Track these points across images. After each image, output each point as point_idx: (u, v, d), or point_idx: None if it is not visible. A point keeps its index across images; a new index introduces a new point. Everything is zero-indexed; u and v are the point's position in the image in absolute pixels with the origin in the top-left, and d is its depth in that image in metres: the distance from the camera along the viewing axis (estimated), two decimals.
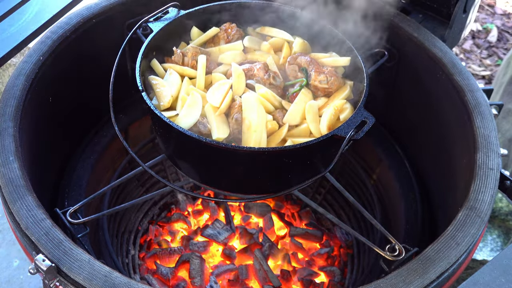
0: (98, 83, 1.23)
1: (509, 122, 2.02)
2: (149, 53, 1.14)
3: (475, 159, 1.10)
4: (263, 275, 1.45)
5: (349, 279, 1.50)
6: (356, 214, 1.57)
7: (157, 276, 1.44)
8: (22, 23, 1.37)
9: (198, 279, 1.42)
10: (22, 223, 0.98)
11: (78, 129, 1.45)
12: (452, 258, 0.95)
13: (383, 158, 1.50)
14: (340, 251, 1.57)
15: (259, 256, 1.48)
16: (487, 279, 0.78)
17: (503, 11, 3.10)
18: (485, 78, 2.72)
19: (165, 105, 1.06)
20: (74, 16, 1.33)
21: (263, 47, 1.21)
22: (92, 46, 1.35)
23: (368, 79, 1.09)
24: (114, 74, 1.10)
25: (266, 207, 1.64)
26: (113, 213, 1.46)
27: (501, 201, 1.80)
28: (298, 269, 1.51)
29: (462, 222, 1.00)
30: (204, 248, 1.52)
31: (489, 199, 1.04)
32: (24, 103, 1.16)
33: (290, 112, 1.06)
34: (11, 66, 2.01)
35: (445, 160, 1.33)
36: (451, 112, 1.28)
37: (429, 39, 1.32)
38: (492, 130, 1.15)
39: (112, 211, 1.22)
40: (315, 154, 1.04)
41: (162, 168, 1.63)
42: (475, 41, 2.93)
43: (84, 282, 0.90)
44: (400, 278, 0.92)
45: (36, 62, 1.22)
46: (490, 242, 1.78)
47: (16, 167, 1.04)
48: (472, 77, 1.25)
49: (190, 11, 1.22)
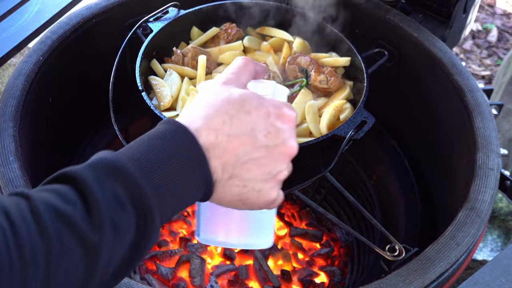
0: (98, 83, 1.23)
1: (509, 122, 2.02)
2: (149, 53, 1.14)
3: (475, 159, 1.10)
4: (263, 275, 1.45)
5: (349, 279, 1.50)
6: (356, 214, 1.57)
7: (157, 276, 1.44)
8: (22, 23, 1.37)
9: (198, 279, 1.42)
10: None
11: (78, 129, 1.45)
12: (452, 258, 0.95)
13: (383, 158, 1.50)
14: (340, 251, 1.57)
15: (259, 256, 1.48)
16: (487, 279, 0.78)
17: (503, 11, 3.10)
18: (485, 78, 2.72)
19: (165, 105, 1.06)
20: (74, 16, 1.33)
21: (263, 47, 1.21)
22: (92, 46, 1.35)
23: (368, 79, 1.09)
24: (114, 74, 1.10)
25: None
26: None
27: (501, 201, 1.80)
28: (298, 269, 1.51)
29: (462, 222, 1.00)
30: (203, 249, 1.52)
31: (489, 199, 1.04)
32: (24, 103, 1.16)
33: None
34: (11, 66, 2.01)
35: (445, 160, 1.33)
36: (451, 112, 1.28)
37: (429, 39, 1.32)
38: (492, 130, 1.15)
39: None
40: (315, 154, 1.04)
41: None
42: (475, 41, 2.93)
43: None
44: (400, 278, 0.92)
45: (36, 62, 1.22)
46: (490, 242, 1.78)
47: (16, 167, 1.04)
48: (472, 77, 1.25)
49: (190, 11, 1.22)
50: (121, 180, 0.55)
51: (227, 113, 0.62)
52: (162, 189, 0.57)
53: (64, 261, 0.51)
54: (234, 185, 0.62)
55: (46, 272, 0.49)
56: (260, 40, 1.23)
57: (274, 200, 0.67)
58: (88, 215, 0.52)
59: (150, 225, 0.56)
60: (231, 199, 0.64)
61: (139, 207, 0.55)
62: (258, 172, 0.63)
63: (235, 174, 0.62)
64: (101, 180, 0.54)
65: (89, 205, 0.52)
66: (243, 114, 0.62)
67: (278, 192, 0.67)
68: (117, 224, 0.53)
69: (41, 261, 0.49)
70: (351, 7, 1.38)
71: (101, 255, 0.53)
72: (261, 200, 0.65)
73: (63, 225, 0.51)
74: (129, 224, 0.55)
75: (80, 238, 0.51)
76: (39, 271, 0.49)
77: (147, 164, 0.57)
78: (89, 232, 0.52)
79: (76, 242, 0.51)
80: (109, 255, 0.54)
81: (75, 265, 0.52)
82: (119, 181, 0.55)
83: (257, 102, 0.64)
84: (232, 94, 0.64)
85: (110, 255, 0.54)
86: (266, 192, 0.65)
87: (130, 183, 0.55)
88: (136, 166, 0.56)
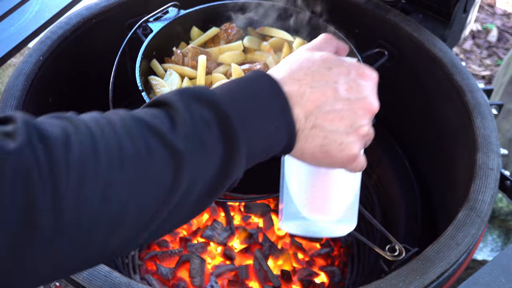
0: (98, 83, 1.23)
1: (509, 122, 2.02)
2: (149, 53, 1.14)
3: (475, 159, 1.10)
4: (263, 275, 1.46)
5: (349, 279, 1.50)
6: None
7: (157, 276, 1.44)
8: (22, 23, 1.37)
9: (198, 279, 1.42)
10: None
11: None
12: (452, 258, 0.95)
13: (383, 158, 1.50)
14: (340, 251, 1.57)
15: (259, 256, 1.48)
16: (487, 279, 0.78)
17: (503, 11, 3.10)
18: (485, 78, 2.72)
19: None
20: (74, 16, 1.33)
21: (263, 47, 1.21)
22: (92, 46, 1.35)
23: None
24: (114, 74, 1.10)
25: (266, 207, 1.64)
26: None
27: (501, 201, 1.80)
28: (298, 269, 1.51)
29: (462, 222, 1.00)
30: (203, 249, 1.52)
31: (489, 199, 1.04)
32: (24, 103, 1.16)
33: None
34: (11, 66, 2.01)
35: (445, 160, 1.33)
36: (451, 112, 1.28)
37: (429, 39, 1.32)
38: (492, 130, 1.15)
39: None
40: None
41: None
42: (475, 41, 2.93)
43: (84, 282, 0.90)
44: (400, 278, 0.92)
45: (36, 62, 1.22)
46: (490, 242, 1.78)
47: None
48: (472, 77, 1.25)
49: (190, 11, 1.22)
50: (209, 106, 0.55)
51: (309, 68, 0.64)
52: (248, 123, 0.57)
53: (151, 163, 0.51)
54: (316, 135, 0.62)
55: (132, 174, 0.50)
56: (260, 40, 1.23)
57: (356, 156, 0.68)
58: (174, 128, 0.53)
59: (236, 153, 0.56)
60: (313, 150, 0.64)
61: (226, 132, 0.55)
62: (339, 124, 0.63)
63: (317, 124, 0.62)
64: (188, 103, 0.55)
65: (176, 120, 0.54)
66: (325, 70, 0.64)
67: (360, 149, 0.68)
68: (204, 141, 0.54)
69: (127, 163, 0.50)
70: (351, 7, 1.38)
71: (187, 164, 0.53)
72: (343, 154, 0.65)
73: (149, 133, 0.52)
74: (215, 144, 0.55)
75: (165, 143, 0.52)
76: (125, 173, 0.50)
77: (232, 96, 0.58)
78: (175, 140, 0.53)
79: (162, 147, 0.52)
80: (195, 168, 0.54)
81: (161, 169, 0.52)
82: (207, 106, 0.55)
83: (338, 61, 0.66)
84: (314, 55, 0.66)
85: (196, 169, 0.54)
86: (348, 146, 0.65)
87: (217, 108, 0.56)
88: (223, 95, 0.58)
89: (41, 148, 0.46)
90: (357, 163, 0.70)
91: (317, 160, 0.66)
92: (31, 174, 0.45)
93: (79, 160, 0.47)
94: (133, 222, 0.51)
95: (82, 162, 0.48)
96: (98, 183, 0.48)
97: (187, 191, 0.54)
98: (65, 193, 0.46)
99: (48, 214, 0.45)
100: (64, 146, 0.47)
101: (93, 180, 0.48)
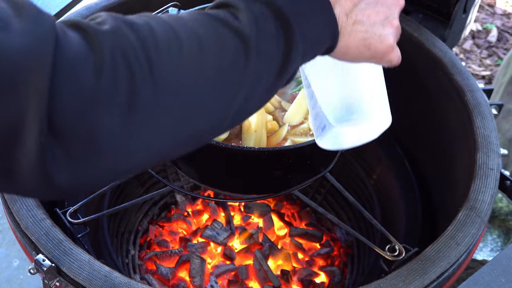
0: None
1: (509, 122, 2.02)
2: None
3: (475, 159, 1.10)
4: (263, 275, 1.45)
5: (349, 279, 1.50)
6: (356, 214, 1.57)
7: (157, 276, 1.44)
8: None
9: (198, 279, 1.42)
10: (22, 223, 0.98)
11: None
12: (452, 258, 0.95)
13: (383, 158, 1.50)
14: (340, 251, 1.57)
15: (259, 256, 1.48)
16: (487, 279, 0.78)
17: (503, 11, 3.10)
18: (485, 78, 2.72)
19: None
20: (74, 16, 1.33)
21: None
22: None
23: None
24: None
25: (266, 207, 1.64)
26: (113, 213, 1.46)
27: (501, 201, 1.80)
28: (298, 269, 1.51)
29: (462, 222, 1.00)
30: (203, 249, 1.52)
31: (489, 199, 1.04)
32: None
33: (290, 112, 1.06)
34: None
35: (445, 160, 1.33)
36: (451, 112, 1.28)
37: (429, 39, 1.32)
38: (492, 130, 1.15)
39: (112, 211, 1.22)
40: (315, 154, 1.04)
41: (162, 168, 1.63)
42: (475, 41, 2.93)
43: (84, 282, 0.90)
44: (400, 278, 0.92)
45: None
46: (490, 242, 1.78)
47: None
48: (472, 77, 1.25)
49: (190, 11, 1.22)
50: (266, 3, 0.60)
51: None
52: (302, 19, 0.62)
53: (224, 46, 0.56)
54: (358, 30, 0.69)
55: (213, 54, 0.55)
56: None
57: (393, 47, 0.75)
58: (236, 18, 0.58)
59: (294, 47, 0.61)
60: (357, 44, 0.70)
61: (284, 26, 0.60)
62: (376, 18, 0.71)
63: (357, 20, 0.69)
64: (248, 3, 0.60)
65: (239, 16, 0.59)
66: None
67: (395, 40, 0.76)
68: (267, 32, 0.59)
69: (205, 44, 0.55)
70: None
71: (253, 49, 0.58)
72: (383, 45, 0.73)
73: (214, 21, 0.58)
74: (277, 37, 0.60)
75: (232, 29, 0.57)
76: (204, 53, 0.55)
77: None
78: (240, 26, 0.58)
79: (230, 32, 0.57)
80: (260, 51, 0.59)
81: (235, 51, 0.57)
82: (264, 3, 0.60)
83: None
84: None
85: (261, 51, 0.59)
86: (386, 37, 0.73)
87: (273, 5, 0.61)
88: None
89: (130, 31, 0.53)
90: (394, 54, 0.78)
91: (361, 54, 0.72)
92: (126, 50, 0.51)
93: (166, 41, 0.53)
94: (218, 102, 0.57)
95: (169, 44, 0.53)
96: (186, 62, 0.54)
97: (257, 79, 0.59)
98: (158, 65, 0.51)
99: (147, 85, 0.50)
100: (150, 30, 0.54)
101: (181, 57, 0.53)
